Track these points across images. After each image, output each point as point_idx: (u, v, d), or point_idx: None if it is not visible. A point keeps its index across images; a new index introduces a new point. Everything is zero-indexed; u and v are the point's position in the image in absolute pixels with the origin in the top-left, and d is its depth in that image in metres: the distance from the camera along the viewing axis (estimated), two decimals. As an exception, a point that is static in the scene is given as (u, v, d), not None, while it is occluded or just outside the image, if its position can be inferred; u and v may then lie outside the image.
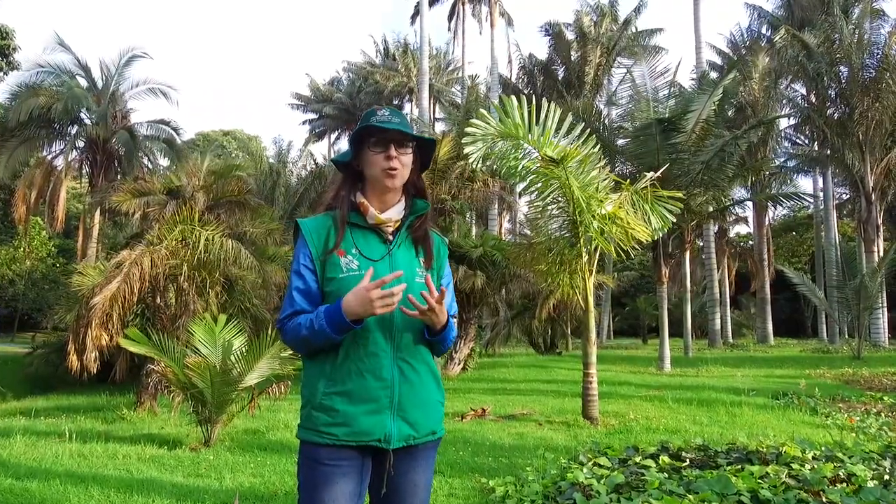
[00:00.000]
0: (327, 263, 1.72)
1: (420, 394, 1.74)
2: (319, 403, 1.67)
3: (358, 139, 1.79)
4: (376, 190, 1.79)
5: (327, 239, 1.74)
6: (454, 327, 1.83)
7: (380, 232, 1.78)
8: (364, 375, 1.67)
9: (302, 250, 1.75)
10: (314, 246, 1.74)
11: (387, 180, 1.76)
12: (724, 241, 35.24)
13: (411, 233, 1.83)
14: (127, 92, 18.83)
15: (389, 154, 1.74)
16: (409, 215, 1.82)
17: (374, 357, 1.68)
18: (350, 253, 1.73)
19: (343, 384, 1.66)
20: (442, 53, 37.26)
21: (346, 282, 1.68)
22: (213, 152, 21.50)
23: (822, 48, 20.23)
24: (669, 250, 15.55)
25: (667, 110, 14.31)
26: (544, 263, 7.89)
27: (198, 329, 6.51)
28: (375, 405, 1.67)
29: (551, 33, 29.83)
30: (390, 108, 1.81)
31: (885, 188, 21.64)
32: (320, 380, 1.68)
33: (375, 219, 1.77)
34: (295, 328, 1.67)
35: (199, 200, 11.85)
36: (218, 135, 41.35)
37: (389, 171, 1.74)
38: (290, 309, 1.72)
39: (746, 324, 39.82)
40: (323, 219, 1.79)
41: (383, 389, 1.68)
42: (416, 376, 1.74)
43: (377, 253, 1.75)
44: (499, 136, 7.34)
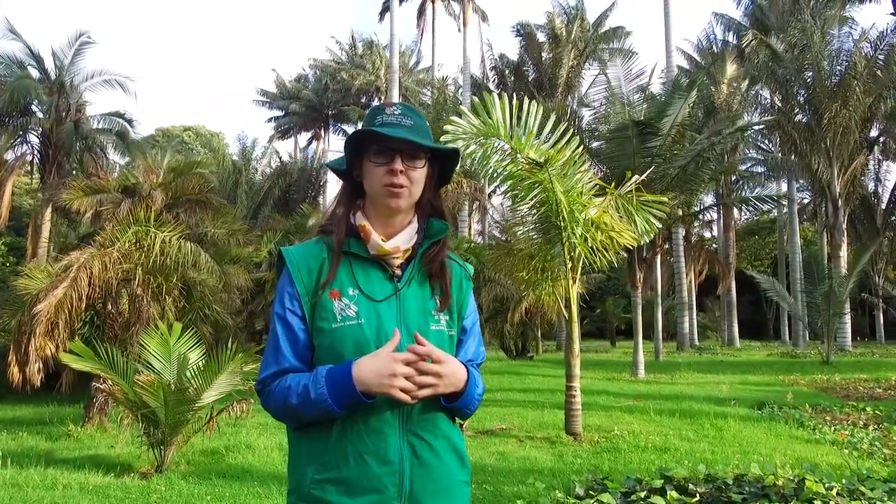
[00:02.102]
0: (317, 308, 1.29)
1: (439, 478, 1.31)
2: (308, 493, 1.25)
3: (356, 144, 1.36)
4: (379, 210, 1.36)
5: (319, 273, 1.32)
6: (479, 382, 1.40)
7: (384, 265, 1.35)
8: (365, 459, 1.24)
9: (286, 289, 1.32)
10: (301, 284, 1.31)
11: (389, 199, 1.33)
12: (691, 245, 35.58)
13: (424, 264, 1.39)
14: (82, 83, 17.88)
15: (393, 168, 1.31)
16: (422, 241, 1.39)
17: (378, 434, 1.26)
18: (346, 294, 1.30)
19: (338, 470, 1.24)
20: (410, 52, 36.77)
21: (340, 334, 1.27)
22: (173, 148, 20.57)
23: (791, 54, 20.37)
24: (644, 255, 15.36)
25: (642, 113, 14.10)
26: (525, 271, 7.51)
27: (151, 341, 5.93)
28: (379, 497, 1.24)
29: (523, 34, 29.62)
30: (403, 106, 1.37)
31: (850, 194, 21.91)
32: (310, 463, 1.27)
33: (378, 248, 1.34)
34: (283, 393, 1.25)
35: (156, 199, 11.15)
36: (179, 130, 40.07)
37: (392, 188, 1.32)
38: (275, 367, 1.29)
39: (711, 326, 40.30)
40: (313, 247, 1.36)
41: (389, 476, 1.25)
42: (433, 456, 1.30)
43: (380, 292, 1.32)
44: (479, 135, 6.95)
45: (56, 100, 16.58)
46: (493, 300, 18.37)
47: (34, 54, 17.52)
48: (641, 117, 13.73)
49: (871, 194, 31.68)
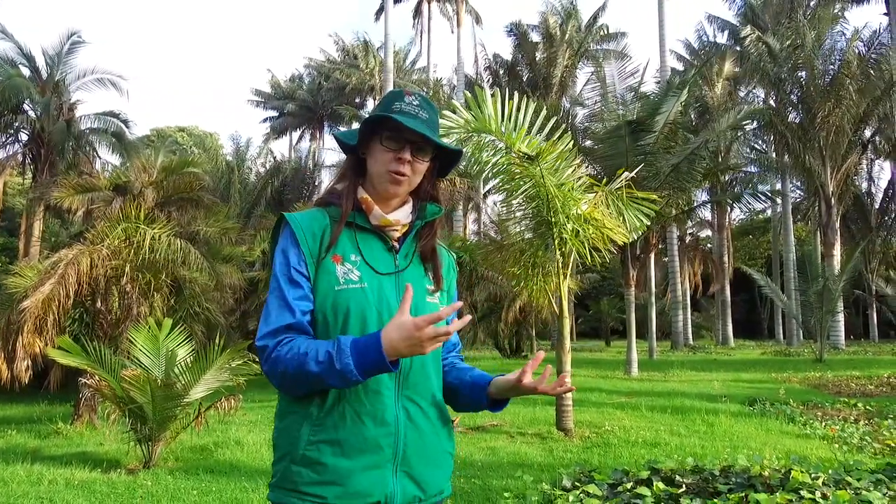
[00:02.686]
0: (320, 271, 1.32)
1: (430, 443, 1.34)
2: (302, 456, 1.25)
3: (372, 126, 1.38)
4: (378, 191, 1.39)
5: (322, 238, 1.34)
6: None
7: (384, 237, 1.39)
8: (362, 419, 1.26)
9: (293, 250, 1.33)
10: (307, 246, 1.33)
11: (390, 185, 1.36)
12: (685, 244, 35.66)
13: (418, 245, 1.43)
14: (74, 82, 17.82)
15: (402, 157, 1.34)
16: (416, 220, 1.42)
17: (376, 396, 1.28)
18: (348, 260, 1.33)
19: (334, 431, 1.26)
20: (405, 53, 36.75)
21: (344, 296, 1.29)
22: (167, 148, 20.53)
23: (785, 52, 20.43)
24: (637, 253, 15.37)
25: (634, 112, 14.13)
26: (516, 266, 7.49)
27: (139, 336, 5.90)
28: (375, 457, 1.26)
29: (516, 34, 29.62)
30: (421, 97, 1.40)
31: (843, 193, 21.98)
32: (304, 425, 1.27)
33: (381, 219, 1.37)
34: (297, 360, 1.22)
35: (148, 197, 11.12)
36: (173, 130, 39.94)
37: (396, 175, 1.35)
38: (281, 322, 1.27)
39: (706, 325, 40.41)
40: (316, 213, 1.39)
41: (386, 437, 1.27)
42: (426, 420, 1.34)
43: (382, 264, 1.36)
44: (471, 130, 6.94)
45: (48, 98, 16.50)
46: (488, 299, 18.37)
47: (25, 53, 17.47)
48: (634, 116, 13.76)
49: (865, 193, 31.86)
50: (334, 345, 1.21)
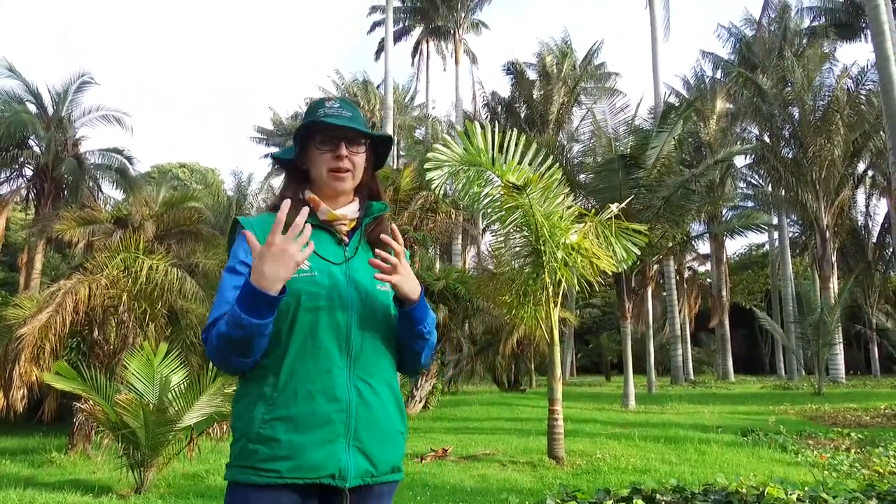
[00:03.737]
0: None
1: (380, 420, 1.42)
2: (257, 434, 1.33)
3: (304, 134, 1.52)
4: (325, 193, 1.52)
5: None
6: (430, 310, 1.53)
7: (333, 231, 1.51)
8: (314, 397, 1.34)
9: (242, 246, 1.44)
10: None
11: (335, 183, 1.49)
12: (684, 278, 35.71)
13: (367, 235, 1.55)
14: (79, 119, 18.20)
15: (339, 153, 1.48)
16: (364, 217, 1.55)
17: (327, 374, 1.36)
18: None
19: (287, 408, 1.34)
20: (405, 90, 37.42)
21: (295, 282, 1.37)
22: (168, 184, 20.83)
23: (775, 90, 20.85)
24: (633, 286, 15.47)
25: (628, 147, 14.40)
26: (508, 295, 7.61)
27: (133, 362, 5.98)
28: (328, 432, 1.34)
29: (513, 72, 30.24)
30: (341, 100, 1.54)
31: (838, 227, 22.16)
32: (258, 405, 1.35)
33: (329, 214, 1.50)
34: (217, 330, 1.33)
35: (147, 230, 11.30)
36: (174, 166, 40.44)
37: (337, 172, 1.48)
38: (217, 312, 1.37)
39: (707, 360, 40.19)
40: (267, 216, 1.50)
41: (337, 413, 1.35)
42: (377, 399, 1.42)
43: (333, 254, 1.47)
44: (462, 162, 7.14)
45: (53, 134, 16.83)
46: (486, 331, 18.37)
47: (32, 91, 17.87)
48: (627, 151, 14.03)
49: (862, 228, 32.03)
50: (231, 307, 1.30)
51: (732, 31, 29.08)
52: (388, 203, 1.62)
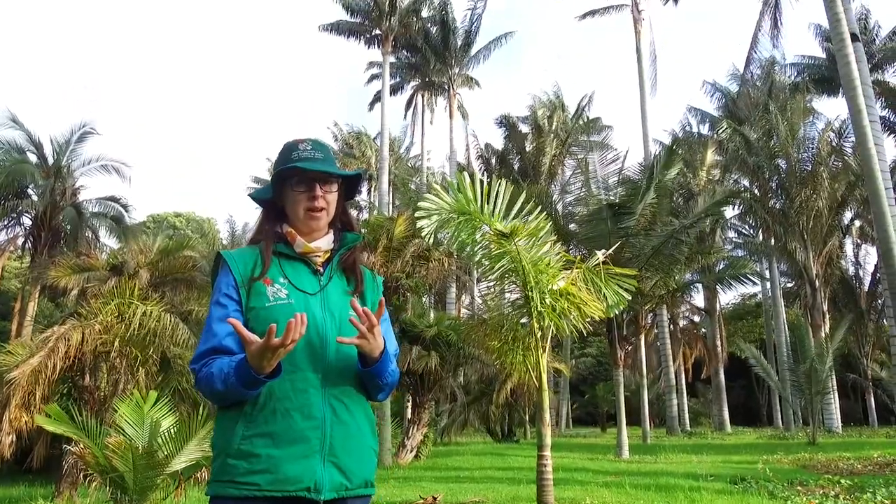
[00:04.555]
0: (252, 292, 1.55)
1: (354, 437, 1.53)
2: (237, 449, 1.44)
3: (281, 177, 1.66)
4: (301, 228, 1.66)
5: (253, 268, 1.58)
6: (393, 361, 1.64)
7: (309, 263, 1.64)
8: (291, 414, 1.46)
9: (224, 279, 1.57)
10: (238, 273, 1.57)
11: (311, 221, 1.64)
12: (678, 328, 35.72)
13: (340, 264, 1.69)
14: (79, 168, 18.55)
15: (314, 194, 1.62)
16: (338, 249, 1.69)
17: (303, 394, 1.48)
18: (277, 282, 1.57)
19: (266, 425, 1.45)
20: (400, 142, 38.18)
21: (274, 311, 1.51)
22: (164, 233, 21.03)
23: (762, 143, 21.42)
24: (625, 334, 15.54)
25: (617, 197, 14.73)
26: (497, 340, 7.70)
27: (124, 407, 6.02)
28: (304, 447, 1.45)
29: (506, 125, 30.98)
30: (313, 142, 1.69)
31: (828, 276, 22.41)
32: (239, 422, 1.46)
33: (304, 247, 1.63)
34: (208, 379, 1.45)
35: (142, 277, 11.42)
36: (170, 216, 40.76)
37: (313, 211, 1.63)
38: (205, 345, 1.50)
39: (703, 411, 39.80)
40: (248, 249, 1.65)
41: (313, 430, 1.47)
42: (350, 417, 1.54)
43: (310, 285, 1.60)
44: (451, 211, 7.34)
45: (52, 183, 17.11)
46: (479, 381, 18.33)
47: (34, 141, 18.25)
48: (616, 200, 14.34)
49: (853, 277, 32.30)
50: (229, 365, 1.43)
51: (718, 86, 29.97)
52: (360, 233, 1.76)
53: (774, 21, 12.62)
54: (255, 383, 1.40)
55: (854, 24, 12.84)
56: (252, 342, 1.37)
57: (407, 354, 11.32)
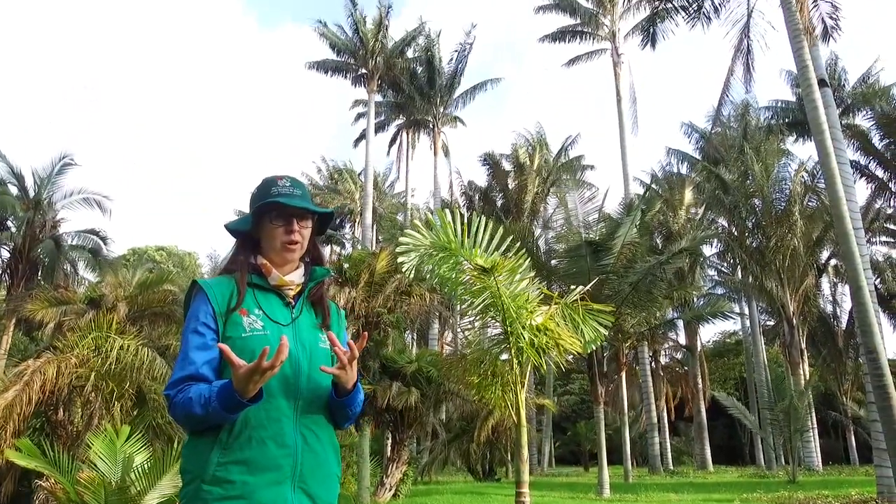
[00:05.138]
0: (228, 322, 1.61)
1: (322, 465, 1.60)
2: (213, 476, 1.48)
3: (261, 210, 1.74)
4: (276, 260, 1.73)
5: (230, 298, 1.64)
6: (361, 392, 1.71)
7: (281, 295, 1.71)
8: (265, 442, 1.52)
9: (202, 307, 1.62)
10: (216, 303, 1.62)
11: (287, 254, 1.72)
12: (660, 366, 35.80)
13: (309, 297, 1.76)
14: (60, 201, 18.47)
15: (291, 228, 1.70)
16: (308, 282, 1.76)
17: (277, 422, 1.54)
18: (253, 313, 1.64)
19: (241, 452, 1.50)
20: (385, 178, 38.51)
21: (250, 342, 1.57)
22: (143, 266, 20.85)
23: (737, 183, 21.91)
24: (605, 370, 15.60)
25: (597, 234, 14.96)
26: (476, 375, 7.72)
27: (97, 442, 5.94)
28: (277, 474, 1.51)
29: (489, 163, 31.42)
30: (291, 179, 1.77)
31: (805, 313, 22.71)
32: (214, 449, 1.50)
33: (279, 280, 1.70)
34: (185, 404, 1.49)
35: (120, 311, 11.32)
36: (152, 250, 40.53)
37: (290, 245, 1.71)
38: (182, 372, 1.54)
39: (686, 450, 39.65)
40: (223, 279, 1.70)
41: (286, 458, 1.53)
42: (319, 445, 1.61)
43: (282, 316, 1.67)
44: (432, 247, 7.44)
45: (32, 216, 17.01)
46: (460, 418, 18.18)
47: (16, 173, 18.17)
48: (595, 238, 14.57)
49: (831, 316, 32.70)
50: (209, 390, 1.47)
51: (695, 127, 30.74)
52: (328, 268, 1.85)
53: (747, 66, 13.07)
54: (238, 407, 1.44)
55: (823, 70, 13.34)
56: (240, 366, 1.41)
57: (387, 391, 11.26)
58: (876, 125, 22.11)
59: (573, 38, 29.36)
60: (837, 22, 11.95)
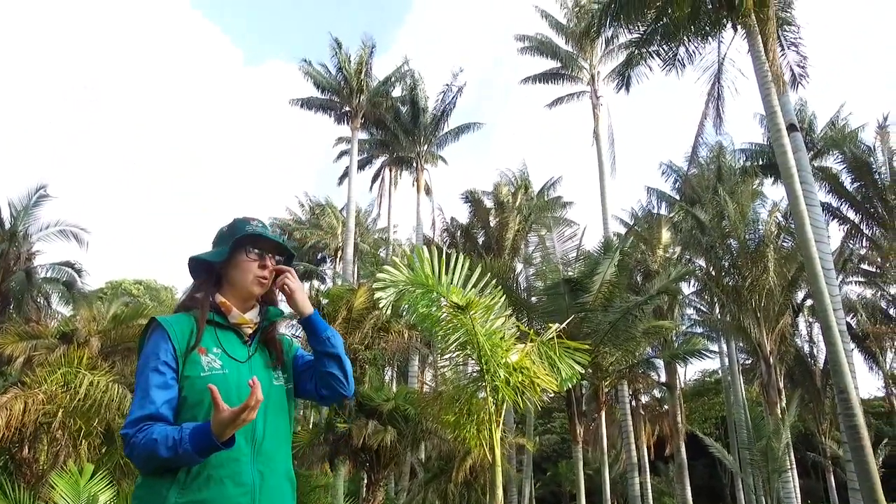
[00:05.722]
0: (187, 362, 1.63)
1: (279, 499, 1.63)
2: None
3: (238, 243, 1.78)
4: (238, 294, 1.76)
5: (189, 336, 1.65)
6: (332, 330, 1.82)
7: (239, 333, 1.74)
8: (223, 482, 1.53)
9: (163, 345, 1.62)
10: (177, 341, 1.63)
11: (257, 288, 1.76)
12: (640, 404, 35.72)
13: (263, 337, 1.80)
14: (36, 233, 18.26)
15: (265, 263, 1.75)
16: (263, 321, 1.80)
17: (236, 462, 1.56)
18: (211, 351, 1.65)
19: (199, 492, 1.51)
20: (368, 214, 38.63)
21: (208, 381, 1.56)
22: (120, 300, 20.58)
23: (714, 223, 22.30)
24: (584, 409, 15.56)
25: (575, 272, 15.10)
26: (452, 413, 7.68)
27: (60, 481, 5.79)
28: None
29: (471, 201, 31.68)
30: (260, 220, 1.82)
31: (782, 353, 22.90)
32: (171, 489, 1.50)
33: (239, 318, 1.73)
34: (148, 446, 1.48)
35: (93, 345, 11.13)
36: (129, 283, 40.03)
37: (262, 279, 1.75)
38: (141, 411, 1.53)
39: (667, 490, 39.31)
40: (183, 316, 1.71)
41: (243, 496, 1.55)
42: (276, 481, 1.63)
43: (240, 354, 1.70)
44: (409, 283, 7.46)
45: (7, 248, 16.79)
46: (438, 457, 17.92)
47: (-9, 206, 17.98)
48: (574, 276, 14.69)
49: (808, 355, 32.98)
50: (178, 432, 1.47)
51: (673, 168, 31.36)
52: (281, 310, 1.89)
53: (717, 111, 13.48)
54: (212, 450, 1.46)
55: (792, 115, 13.79)
56: (224, 409, 1.42)
57: (363, 429, 11.12)
58: (846, 168, 22.78)
59: (554, 81, 30.05)
60: (805, 70, 12.44)
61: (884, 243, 24.41)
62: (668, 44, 13.79)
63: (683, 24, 12.47)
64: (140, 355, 1.65)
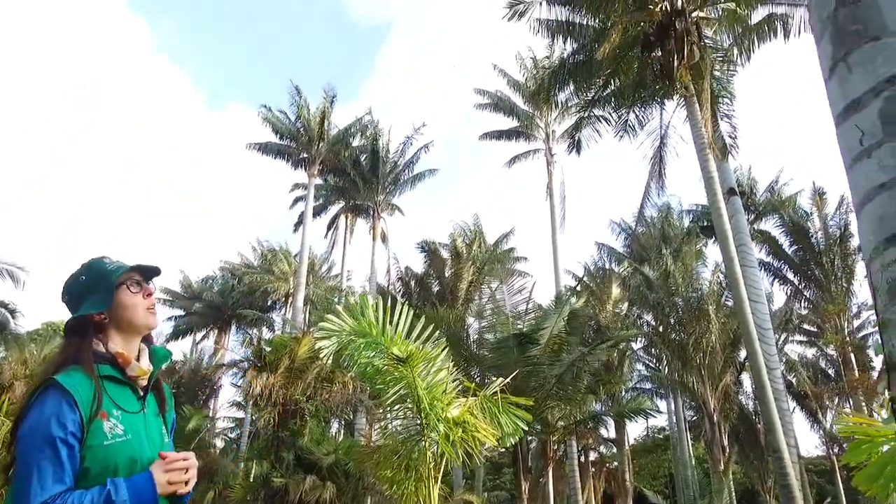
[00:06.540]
0: (92, 429, 1.52)
1: None
2: None
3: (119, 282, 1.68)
4: (127, 336, 1.67)
5: (93, 401, 1.53)
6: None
7: (134, 387, 1.65)
8: None
9: (69, 416, 1.47)
10: (85, 409, 1.51)
11: (152, 318, 1.70)
12: (589, 461, 35.57)
13: (153, 386, 1.73)
14: (-31, 272, 17.49)
15: (150, 291, 1.70)
16: (153, 364, 1.72)
17: None
18: (112, 416, 1.55)
19: None
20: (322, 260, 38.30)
21: (112, 450, 1.51)
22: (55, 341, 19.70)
23: (660, 281, 22.88)
24: (530, 465, 15.42)
25: (525, 325, 15.17)
26: (389, 468, 7.51)
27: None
28: None
29: (427, 250, 31.83)
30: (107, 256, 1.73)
31: (726, 410, 23.29)
32: None
33: (137, 370, 1.64)
34: None
35: (16, 390, 10.57)
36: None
37: (151, 308, 1.69)
38: (60, 486, 1.41)
39: (616, 550, 38.83)
40: (83, 378, 1.55)
41: None
42: None
43: (134, 407, 1.63)
44: (352, 333, 7.38)
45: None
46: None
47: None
48: (524, 329, 14.76)
49: (752, 413, 33.61)
50: (112, 484, 1.42)
51: (623, 225, 32.24)
52: (168, 350, 1.84)
53: (659, 174, 14.05)
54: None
55: (731, 180, 14.43)
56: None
57: (300, 484, 10.73)
58: (785, 232, 23.82)
59: (510, 138, 30.88)
60: (735, 140, 13.14)
61: (822, 305, 25.41)
62: (618, 110, 14.40)
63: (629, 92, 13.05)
64: (32, 419, 1.47)
